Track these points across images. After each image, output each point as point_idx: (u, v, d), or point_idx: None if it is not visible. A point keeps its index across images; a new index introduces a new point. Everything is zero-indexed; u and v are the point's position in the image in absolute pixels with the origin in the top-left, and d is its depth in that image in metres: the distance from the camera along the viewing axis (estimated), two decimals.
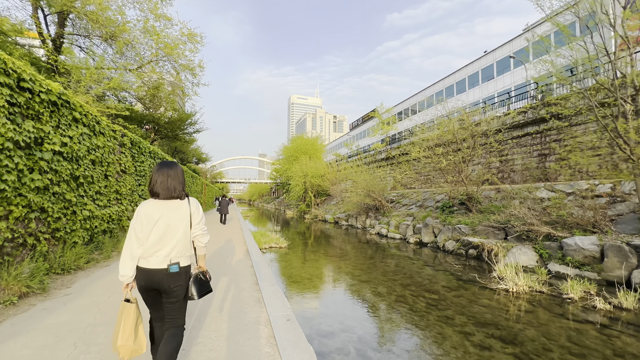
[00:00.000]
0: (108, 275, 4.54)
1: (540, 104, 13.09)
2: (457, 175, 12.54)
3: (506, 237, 9.95)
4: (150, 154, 9.22)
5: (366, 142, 51.93)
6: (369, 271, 8.38)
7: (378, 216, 18.95)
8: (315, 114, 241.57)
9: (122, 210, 6.89)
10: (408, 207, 17.56)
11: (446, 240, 11.51)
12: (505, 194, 12.23)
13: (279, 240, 12.79)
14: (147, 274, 1.92)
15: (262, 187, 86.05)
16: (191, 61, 11.16)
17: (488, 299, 6.12)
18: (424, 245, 12.61)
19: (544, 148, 13.31)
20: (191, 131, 18.30)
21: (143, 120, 14.85)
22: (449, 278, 7.68)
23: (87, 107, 5.08)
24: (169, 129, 16.52)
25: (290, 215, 33.81)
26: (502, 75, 30.40)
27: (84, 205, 5.10)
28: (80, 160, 4.96)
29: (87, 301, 3.47)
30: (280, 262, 9.57)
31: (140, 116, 14.57)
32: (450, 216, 12.85)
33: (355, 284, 7.17)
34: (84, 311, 3.20)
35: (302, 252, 11.37)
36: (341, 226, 21.47)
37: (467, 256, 10.20)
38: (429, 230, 12.84)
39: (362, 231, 18.38)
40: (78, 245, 4.81)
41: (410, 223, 14.78)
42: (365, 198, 19.20)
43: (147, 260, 1.92)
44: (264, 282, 4.27)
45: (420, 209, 16.18)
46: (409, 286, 7.00)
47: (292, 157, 37.56)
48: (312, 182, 29.46)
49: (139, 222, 1.92)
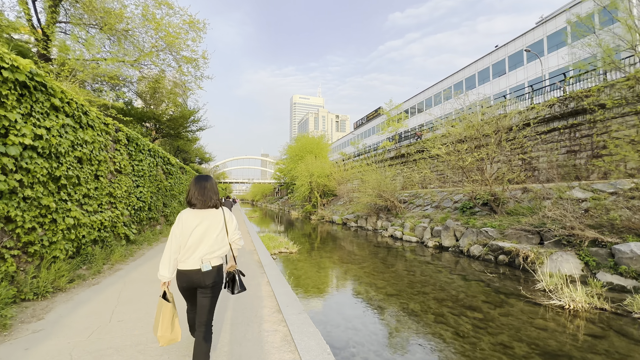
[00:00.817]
0: (95, 299, 3.68)
1: (572, 95, 12.08)
2: (481, 174, 11.59)
3: (541, 241, 9.00)
4: (150, 152, 8.39)
5: (373, 140, 50.96)
6: (394, 282, 7.48)
7: (390, 217, 18.03)
8: (317, 114, 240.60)
9: (116, 216, 6.05)
10: (423, 207, 16.63)
11: (471, 244, 10.58)
12: (535, 194, 11.28)
13: (289, 245, 11.94)
14: (186, 274, 2.22)
15: (265, 187, 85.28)
16: (194, 52, 10.34)
17: (543, 319, 5.20)
18: (445, 250, 11.69)
19: (573, 144, 12.32)
20: (194, 129, 17.43)
21: (143, 117, 14.01)
22: (486, 290, 6.76)
23: (70, 93, 4.22)
24: (170, 126, 15.63)
25: (296, 216, 32.95)
26: (514, 70, 29.32)
27: (67, 211, 4.25)
28: (62, 157, 4.12)
29: (58, 344, 2.60)
30: (293, 270, 8.69)
31: (140, 113, 13.73)
32: (473, 218, 11.91)
33: (382, 300, 6.27)
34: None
35: (314, 258, 10.49)
36: (350, 228, 20.58)
37: (497, 263, 9.28)
38: (450, 234, 11.92)
39: (373, 233, 17.49)
40: (59, 261, 3.97)
41: (428, 225, 13.85)
42: (375, 198, 18.29)
43: (185, 263, 2.21)
44: (288, 310, 3.38)
45: (437, 210, 15.24)
46: (445, 301, 6.09)
47: (297, 156, 36.68)
48: (318, 181, 28.57)
49: (180, 228, 2.19)
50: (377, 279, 7.72)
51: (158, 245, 8.18)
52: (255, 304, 3.76)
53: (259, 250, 8.12)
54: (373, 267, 8.98)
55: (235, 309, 3.60)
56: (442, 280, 7.59)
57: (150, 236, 8.07)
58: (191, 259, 2.19)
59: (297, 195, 33.25)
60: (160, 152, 9.22)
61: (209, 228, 2.24)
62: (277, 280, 4.74)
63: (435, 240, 12.47)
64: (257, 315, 3.33)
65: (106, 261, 5.30)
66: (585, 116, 11.88)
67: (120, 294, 3.90)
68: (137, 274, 5.06)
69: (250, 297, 4.06)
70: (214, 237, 2.24)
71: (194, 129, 17.26)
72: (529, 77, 27.80)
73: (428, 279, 7.78)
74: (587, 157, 11.82)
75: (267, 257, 7.07)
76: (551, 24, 25.90)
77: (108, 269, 5.14)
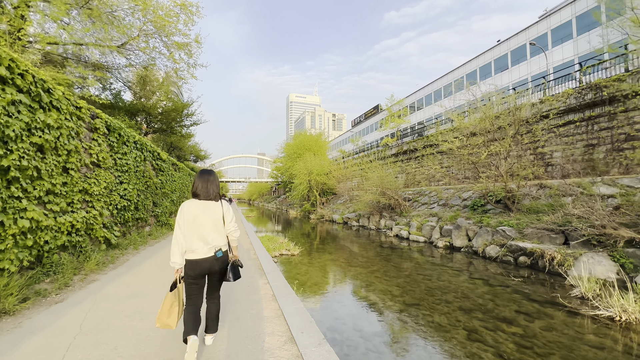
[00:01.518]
0: (50, 327, 2.71)
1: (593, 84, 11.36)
2: (495, 170, 10.85)
3: (566, 242, 8.29)
4: (136, 144, 7.50)
5: (372, 137, 50.25)
6: (410, 288, 6.70)
7: (394, 216, 17.29)
8: (314, 112, 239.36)
9: (93, 217, 5.18)
10: (429, 206, 15.89)
11: (486, 244, 9.84)
12: (553, 191, 10.57)
13: (290, 246, 11.12)
14: (199, 263, 2.43)
15: (262, 186, 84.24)
16: (186, 35, 9.41)
17: (595, 335, 4.44)
18: (456, 250, 10.96)
19: (591, 137, 11.63)
20: (188, 124, 16.34)
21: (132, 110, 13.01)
22: (516, 298, 6.01)
23: (24, 62, 3.34)
24: (162, 120, 14.62)
25: (294, 215, 32.11)
26: (517, 65, 28.69)
27: (22, 210, 3.39)
28: (12, 142, 3.25)
29: None
30: (297, 275, 7.87)
31: (129, 106, 12.73)
32: (486, 216, 11.18)
33: (402, 311, 5.48)
34: None
35: (318, 261, 9.68)
36: (351, 227, 19.80)
37: (517, 264, 8.55)
38: (462, 233, 11.18)
39: (377, 233, 16.74)
40: (5, 275, 3.09)
41: (436, 224, 13.11)
42: (379, 196, 17.53)
43: (196, 253, 2.42)
44: (304, 340, 2.55)
45: (445, 208, 14.51)
46: (473, 312, 5.31)
47: (295, 154, 35.77)
48: (317, 180, 27.73)
49: (182, 217, 2.43)
50: (391, 285, 6.93)
51: (146, 249, 7.30)
52: (259, 329, 2.93)
53: (259, 253, 7.28)
54: (384, 271, 8.19)
55: (234, 337, 2.77)
56: (463, 286, 6.82)
57: (137, 239, 7.19)
58: (202, 248, 2.41)
59: (295, 194, 32.39)
60: (149, 146, 8.33)
61: (209, 219, 2.47)
62: (283, 293, 3.92)
63: (445, 240, 11.73)
64: (263, 350, 2.50)
65: (78, 271, 4.43)
66: (604, 107, 11.19)
67: (86, 318, 3.05)
68: (114, 287, 4.20)
69: (253, 317, 3.23)
70: (213, 227, 2.48)
71: (187, 124, 16.23)
72: (533, 72, 27.19)
73: (447, 284, 7.01)
74: (606, 150, 11.14)
75: (269, 262, 6.25)
76: (555, 17, 25.28)
77: (79, 281, 4.27)
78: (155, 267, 5.63)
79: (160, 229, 9.69)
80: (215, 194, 2.58)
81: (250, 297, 3.94)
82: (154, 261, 6.10)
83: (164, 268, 5.57)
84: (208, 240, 2.45)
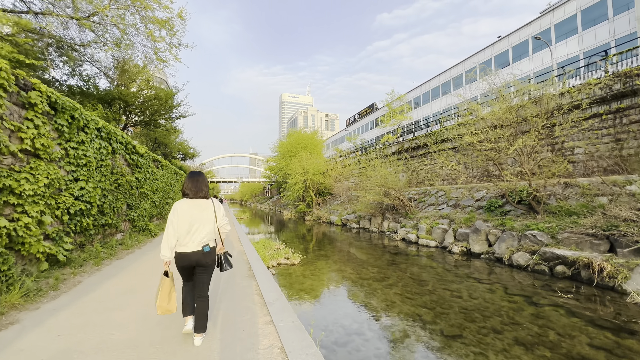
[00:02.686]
0: None
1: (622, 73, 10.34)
2: (520, 166, 9.72)
3: (612, 249, 7.16)
4: (100, 132, 6.02)
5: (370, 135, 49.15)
6: (440, 310, 5.43)
7: (398, 218, 16.09)
8: (307, 112, 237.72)
9: (24, 226, 3.73)
10: (437, 206, 14.73)
11: (512, 251, 8.68)
12: (584, 190, 9.49)
13: (288, 253, 9.77)
14: (187, 256, 2.64)
15: (255, 187, 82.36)
16: (168, 9, 7.93)
17: None
18: (475, 256, 9.80)
19: (620, 131, 10.61)
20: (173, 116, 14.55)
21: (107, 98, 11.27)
22: (578, 324, 4.79)
23: None
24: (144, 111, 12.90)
25: (288, 217, 30.68)
26: (518, 61, 27.93)
27: None
28: None
29: None
30: (300, 292, 6.51)
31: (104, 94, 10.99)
32: (507, 219, 10.04)
33: (444, 346, 4.19)
34: None
35: (322, 272, 8.34)
36: (350, 229, 18.55)
37: (553, 275, 7.41)
38: (481, 237, 10.01)
39: (379, 235, 15.53)
40: None
41: (449, 227, 11.94)
42: (382, 197, 16.31)
43: (186, 246, 2.63)
44: None
45: (456, 209, 13.36)
46: (536, 349, 4.06)
47: (289, 152, 34.36)
48: (313, 179, 26.37)
49: (176, 215, 2.63)
50: (417, 306, 5.65)
51: (112, 263, 5.83)
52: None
53: (255, 267, 5.90)
54: (402, 285, 6.91)
55: None
56: (504, 306, 5.59)
57: (99, 252, 5.71)
58: (190, 242, 2.63)
59: (289, 195, 30.97)
60: (120, 136, 6.85)
61: (201, 215, 2.69)
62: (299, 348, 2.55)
63: (461, 245, 10.55)
64: None
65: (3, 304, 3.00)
66: (635, 99, 10.19)
67: None
68: (40, 335, 2.79)
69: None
70: (205, 222, 2.70)
71: (173, 116, 14.49)
72: (535, 68, 26.45)
73: (482, 302, 5.77)
74: (637, 146, 10.12)
75: (268, 282, 4.88)
76: (559, 11, 24.57)
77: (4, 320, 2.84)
78: (120, 291, 4.20)
79: (136, 235, 8.19)
80: (205, 191, 2.79)
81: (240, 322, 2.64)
82: (119, 282, 4.65)
83: (135, 292, 4.15)
84: (197, 235, 2.65)
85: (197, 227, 2.64)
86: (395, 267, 8.68)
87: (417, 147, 20.81)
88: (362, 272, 8.16)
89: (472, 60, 32.50)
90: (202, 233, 2.66)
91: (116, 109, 11.82)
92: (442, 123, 18.55)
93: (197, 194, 2.73)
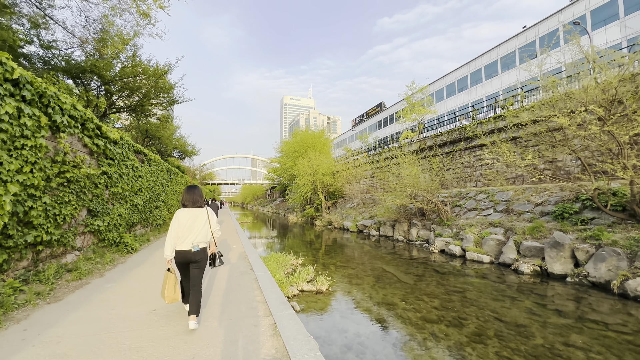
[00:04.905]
0: None
1: None
2: (616, 161, 7.34)
3: None
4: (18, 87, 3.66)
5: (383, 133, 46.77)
6: None
7: (429, 225, 13.69)
8: (308, 115, 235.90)
9: None
10: (480, 212, 12.32)
11: (624, 275, 6.26)
12: None
13: (310, 273, 7.43)
14: (182, 253, 3.26)
15: (257, 189, 79.98)
16: None
17: None
18: (555, 278, 7.47)
19: None
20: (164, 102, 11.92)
21: (74, 70, 8.92)
22: None
23: None
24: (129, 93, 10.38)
25: (294, 221, 28.28)
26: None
27: None
28: None
29: None
30: (347, 354, 4.10)
31: (73, 66, 8.60)
32: (597, 229, 7.63)
33: None
34: None
35: (365, 306, 5.93)
36: (369, 237, 16.18)
37: None
38: (563, 254, 7.61)
39: (407, 245, 13.19)
40: None
41: (505, 238, 9.55)
42: (411, 200, 13.93)
43: (181, 245, 3.24)
44: None
45: (509, 215, 10.94)
46: None
47: (295, 152, 32.03)
48: (323, 180, 23.98)
49: (177, 222, 3.24)
50: None
51: (42, 310, 3.47)
52: None
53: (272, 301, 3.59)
54: (497, 337, 4.50)
55: None
56: None
57: (10, 293, 3.34)
58: (185, 242, 3.23)
59: (295, 197, 28.59)
60: (69, 106, 4.50)
61: (196, 221, 3.28)
62: None
63: (532, 263, 8.15)
64: None
65: None
66: None
67: None
68: None
69: None
70: (200, 228, 3.30)
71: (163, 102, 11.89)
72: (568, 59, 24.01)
73: None
74: None
75: (296, 330, 2.52)
76: None
77: None
78: None
79: (103, 253, 5.81)
80: (200, 202, 3.39)
81: None
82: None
83: None
84: (192, 238, 3.25)
85: (193, 230, 3.26)
86: (459, 297, 6.27)
87: (443, 144, 18.44)
88: (420, 307, 5.75)
89: (492, 53, 30.18)
90: (196, 236, 3.27)
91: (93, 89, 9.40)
92: (474, 116, 16.20)
93: (194, 204, 3.36)
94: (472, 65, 32.46)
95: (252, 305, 3.75)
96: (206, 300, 4.03)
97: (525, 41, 27.38)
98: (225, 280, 5.05)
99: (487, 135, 14.28)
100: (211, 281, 5.05)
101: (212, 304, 3.92)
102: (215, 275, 5.44)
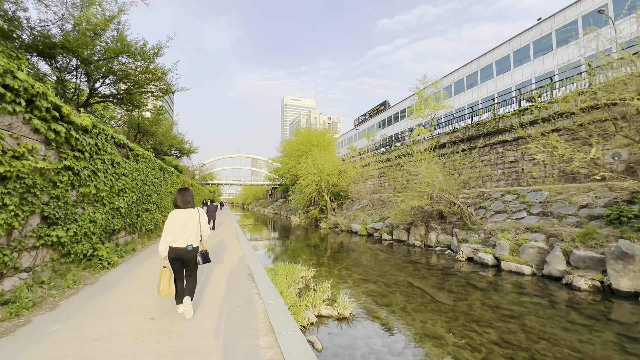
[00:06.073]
0: None
1: None
2: None
3: None
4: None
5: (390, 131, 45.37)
6: None
7: (450, 229, 12.37)
8: (309, 115, 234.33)
9: None
10: (510, 214, 10.98)
11: None
12: None
13: (327, 292, 6.13)
14: (177, 251, 3.47)
15: (257, 190, 78.59)
16: None
17: None
18: (621, 296, 6.18)
19: None
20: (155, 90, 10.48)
21: (43, 46, 7.34)
22: None
23: None
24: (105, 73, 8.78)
25: (297, 223, 26.94)
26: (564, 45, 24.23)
27: None
28: None
29: None
30: None
31: (40, 40, 7.05)
32: None
33: None
34: None
35: (403, 343, 4.60)
36: (380, 241, 14.90)
37: None
38: (633, 267, 6.29)
39: (425, 251, 11.94)
40: None
41: (548, 246, 8.22)
42: (430, 201, 12.62)
43: (176, 243, 3.47)
44: None
45: (548, 219, 9.60)
46: None
47: (298, 151, 30.73)
48: (329, 180, 22.64)
49: (171, 222, 3.49)
50: None
51: None
52: None
53: (283, 340, 2.24)
54: None
55: None
56: None
57: None
58: (180, 241, 3.45)
59: (299, 198, 27.27)
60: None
61: (188, 221, 3.53)
62: None
63: (589, 276, 6.82)
64: None
65: None
66: None
67: None
68: None
69: None
70: (191, 227, 3.54)
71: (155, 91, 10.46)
72: (587, 53, 22.71)
73: None
74: None
75: None
76: None
77: None
78: None
79: (67, 272, 4.49)
80: (191, 203, 3.68)
81: None
82: None
83: None
84: (185, 237, 3.48)
85: (185, 230, 3.49)
86: (518, 325, 4.94)
87: (460, 140, 17.09)
88: (474, 342, 4.40)
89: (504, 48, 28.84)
90: (189, 234, 3.51)
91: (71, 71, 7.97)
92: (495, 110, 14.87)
93: (186, 205, 3.64)
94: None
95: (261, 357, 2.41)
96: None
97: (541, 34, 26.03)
98: (226, 314, 3.71)
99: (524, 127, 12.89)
100: (205, 313, 3.72)
101: None
102: (214, 304, 4.11)
